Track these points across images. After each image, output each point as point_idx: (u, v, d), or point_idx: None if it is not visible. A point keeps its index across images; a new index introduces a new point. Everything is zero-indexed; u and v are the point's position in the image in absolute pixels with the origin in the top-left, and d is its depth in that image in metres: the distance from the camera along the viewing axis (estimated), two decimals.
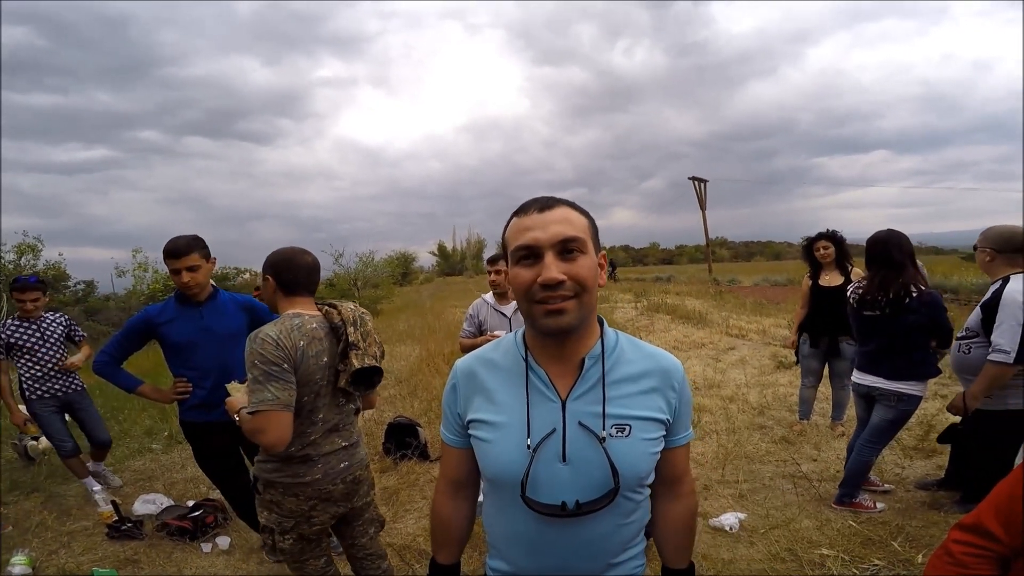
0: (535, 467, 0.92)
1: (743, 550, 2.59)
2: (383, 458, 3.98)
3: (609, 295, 17.07)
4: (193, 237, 2.44)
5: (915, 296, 2.61)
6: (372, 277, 17.58)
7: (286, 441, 1.58)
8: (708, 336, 8.61)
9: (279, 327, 1.62)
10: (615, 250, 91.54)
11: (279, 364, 1.55)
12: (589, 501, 0.91)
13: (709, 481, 3.36)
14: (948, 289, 11.42)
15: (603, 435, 0.91)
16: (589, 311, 0.92)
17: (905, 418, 2.76)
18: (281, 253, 1.79)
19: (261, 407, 1.52)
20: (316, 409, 1.73)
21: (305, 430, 1.72)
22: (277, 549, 1.81)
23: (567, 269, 0.87)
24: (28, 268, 15.22)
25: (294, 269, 1.75)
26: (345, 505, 1.85)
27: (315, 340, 1.70)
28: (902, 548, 2.47)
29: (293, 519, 1.76)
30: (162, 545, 2.96)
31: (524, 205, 0.94)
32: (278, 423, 1.54)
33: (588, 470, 0.92)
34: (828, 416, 4.28)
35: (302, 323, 1.69)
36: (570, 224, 0.89)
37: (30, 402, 3.49)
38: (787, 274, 20.66)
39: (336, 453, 1.80)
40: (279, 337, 1.58)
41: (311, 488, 1.74)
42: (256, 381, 1.54)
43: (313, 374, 1.68)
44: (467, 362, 1.05)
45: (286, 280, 1.75)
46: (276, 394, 1.53)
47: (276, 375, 1.55)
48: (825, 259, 3.95)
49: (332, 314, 1.80)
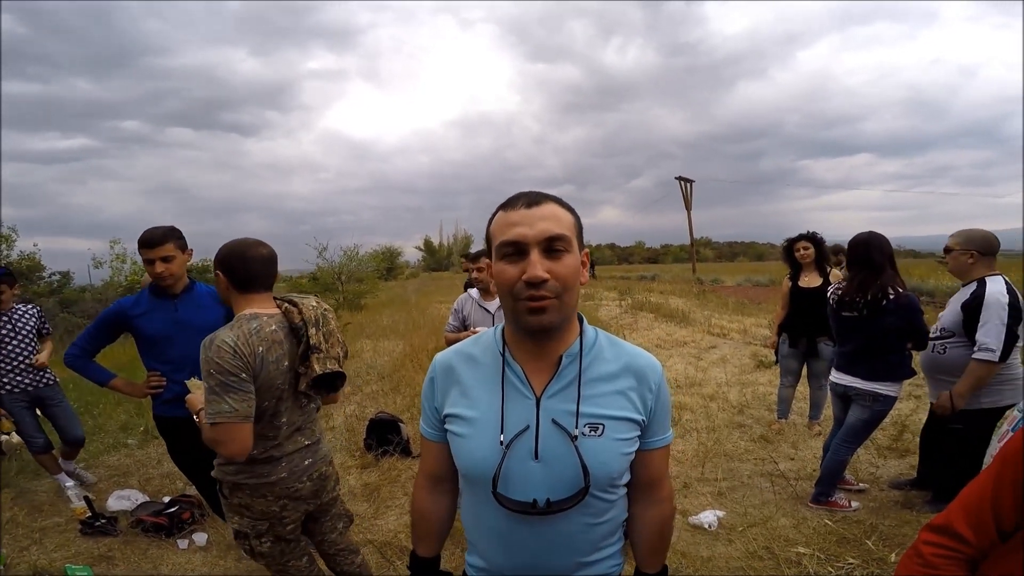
0: (507, 464, 0.92)
1: (721, 548, 2.63)
2: (364, 454, 3.96)
3: (594, 293, 17.15)
4: (169, 228, 2.39)
5: (892, 298, 2.65)
6: (356, 271, 17.39)
7: (247, 451, 1.52)
8: (690, 335, 8.71)
9: (236, 332, 1.53)
10: (601, 248, 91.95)
11: (236, 374, 1.48)
12: (559, 500, 0.91)
13: (689, 479, 3.40)
14: (925, 292, 11.68)
15: (575, 434, 0.91)
16: (570, 310, 0.92)
17: (880, 418, 2.81)
18: (232, 246, 1.67)
19: (218, 419, 1.45)
20: (279, 413, 1.68)
21: (268, 433, 1.67)
22: (256, 554, 1.76)
23: (551, 267, 0.86)
24: (2, 259, 14.78)
25: (247, 263, 1.63)
26: (313, 502, 1.82)
27: (275, 344, 1.61)
28: (876, 547, 2.52)
29: (266, 520, 1.71)
30: (137, 542, 2.90)
31: (511, 199, 0.93)
32: (237, 435, 1.48)
33: (560, 468, 0.91)
34: (806, 415, 4.36)
35: (260, 326, 1.59)
36: (557, 221, 0.89)
37: (2, 397, 3.40)
38: (769, 275, 20.95)
39: (300, 452, 1.75)
40: (236, 344, 1.49)
41: (278, 487, 1.69)
42: (212, 391, 1.47)
43: (274, 380, 1.61)
44: (445, 356, 1.05)
45: (239, 276, 1.64)
46: (234, 406, 1.47)
47: (234, 386, 1.47)
48: (805, 260, 4.01)
49: (292, 313, 1.70)
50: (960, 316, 2.63)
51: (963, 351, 2.63)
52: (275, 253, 1.73)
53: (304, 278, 16.79)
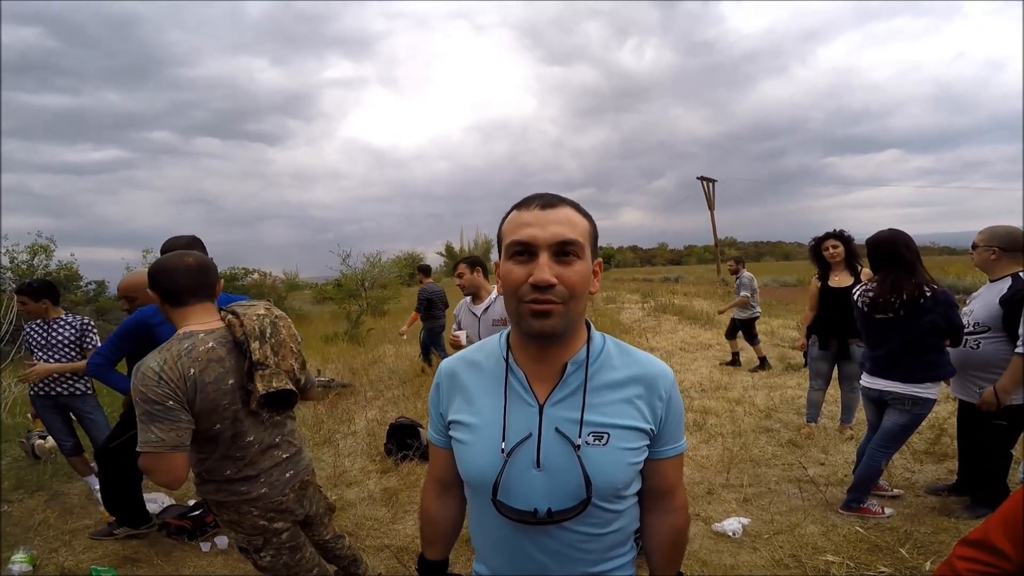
0: (508, 472, 0.90)
1: (746, 556, 2.54)
2: (384, 459, 3.97)
3: (616, 296, 16.99)
4: (191, 236, 2.42)
5: (929, 296, 2.55)
6: (379, 278, 17.63)
7: (180, 480, 1.44)
8: (715, 337, 8.52)
9: (164, 355, 1.44)
10: (623, 250, 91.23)
11: (162, 403, 1.39)
12: (561, 510, 0.88)
13: (713, 485, 3.30)
14: (961, 289, 11.23)
15: (578, 443, 0.88)
16: (576, 318, 0.89)
17: (918, 422, 2.70)
18: (157, 262, 1.61)
19: (146, 448, 1.37)
20: (241, 433, 1.59)
21: (236, 454, 1.59)
22: (261, 568, 1.73)
23: (560, 272, 0.84)
24: (41, 268, 15.41)
25: (172, 276, 1.55)
26: (301, 512, 1.78)
27: (211, 363, 1.50)
28: (910, 555, 2.40)
29: (260, 535, 1.68)
30: (161, 544, 2.96)
31: (526, 199, 0.90)
32: (165, 465, 1.39)
33: (562, 478, 0.89)
34: (837, 419, 4.21)
35: (192, 345, 1.48)
36: (571, 226, 0.86)
37: (33, 398, 3.54)
38: (796, 275, 20.45)
39: (279, 466, 1.70)
40: (163, 369, 1.41)
41: (261, 502, 1.65)
42: (140, 420, 1.39)
43: (218, 401, 1.50)
44: (450, 363, 1.04)
45: (168, 291, 1.55)
46: (160, 436, 1.38)
47: (159, 415, 1.38)
48: (834, 259, 3.88)
49: (234, 326, 1.58)
50: (999, 311, 2.56)
51: (999, 346, 2.57)
52: (206, 260, 1.64)
53: (329, 285, 17.10)
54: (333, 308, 15.47)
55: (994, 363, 2.57)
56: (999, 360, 2.54)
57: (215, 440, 1.55)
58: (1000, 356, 2.54)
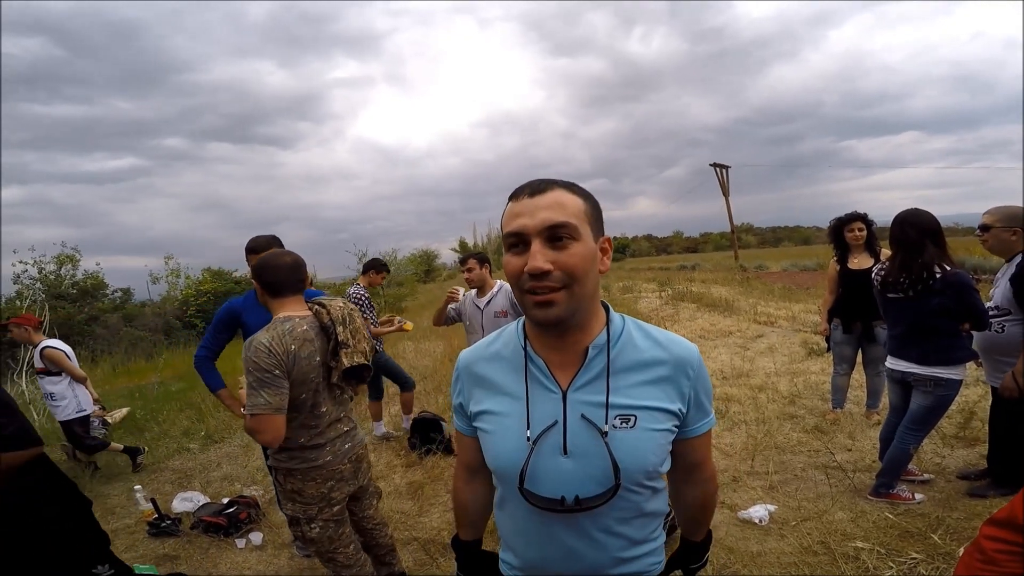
0: (535, 460, 0.90)
1: (773, 543, 2.53)
2: (408, 453, 4.03)
3: (633, 285, 16.88)
4: (272, 236, 2.63)
5: (939, 277, 2.49)
6: (396, 275, 17.78)
7: (280, 439, 1.72)
8: (736, 324, 8.44)
9: (271, 333, 1.73)
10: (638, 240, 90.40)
11: (271, 371, 1.67)
12: (589, 497, 0.88)
13: (738, 473, 3.29)
14: (988, 270, 10.93)
15: (605, 429, 0.88)
16: (583, 301, 0.87)
17: (945, 403, 2.64)
18: (263, 258, 1.89)
19: (255, 411, 1.65)
20: (318, 404, 1.88)
21: (311, 423, 1.87)
22: (307, 539, 1.92)
23: (555, 257, 0.83)
24: (68, 278, 15.83)
25: (276, 272, 1.85)
26: (354, 483, 2.02)
27: (306, 342, 1.80)
28: (942, 541, 2.37)
29: (316, 504, 1.90)
30: (199, 541, 3.06)
31: (518, 189, 0.90)
32: (271, 425, 1.68)
33: (590, 464, 0.89)
34: (863, 404, 4.15)
35: (292, 327, 1.78)
36: (561, 208, 0.84)
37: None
38: (816, 259, 20.06)
39: (340, 437, 1.96)
40: (271, 344, 1.69)
41: (325, 470, 1.89)
42: (251, 387, 1.67)
43: (308, 374, 1.80)
44: (467, 357, 1.04)
45: (269, 283, 1.85)
46: (268, 399, 1.66)
47: (268, 381, 1.67)
48: (856, 242, 3.81)
49: (322, 314, 1.90)
50: (1010, 290, 2.51)
51: (1022, 328, 2.50)
52: (300, 260, 1.92)
53: (346, 284, 17.29)
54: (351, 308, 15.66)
55: (1018, 346, 2.50)
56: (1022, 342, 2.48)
57: (298, 409, 1.81)
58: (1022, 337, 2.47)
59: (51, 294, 14.52)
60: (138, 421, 5.86)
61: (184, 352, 12.14)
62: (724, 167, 26.01)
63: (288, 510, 1.94)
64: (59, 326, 11.09)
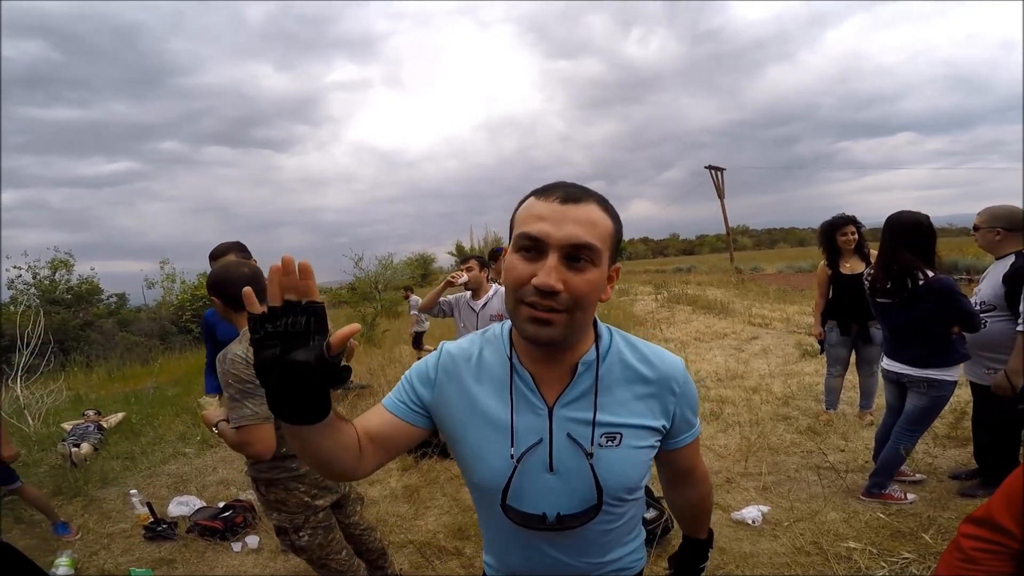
0: (519, 477, 0.86)
1: (766, 544, 2.55)
2: (404, 456, 4.04)
3: (629, 288, 16.92)
4: (236, 243, 2.64)
5: (922, 283, 2.52)
6: (392, 280, 17.73)
7: (271, 450, 1.68)
8: (730, 326, 8.47)
9: (245, 344, 1.67)
10: (635, 243, 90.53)
11: (252, 380, 1.61)
12: (570, 515, 0.86)
13: (731, 474, 3.31)
14: (982, 270, 10.97)
15: (590, 450, 0.85)
16: (580, 327, 0.82)
17: (940, 404, 2.67)
18: (218, 272, 1.85)
19: (242, 423, 1.61)
20: None
21: None
22: (297, 549, 1.90)
23: (569, 279, 0.76)
24: (62, 283, 15.74)
25: (236, 286, 1.79)
26: (337, 491, 1.99)
27: None
28: (934, 540, 2.40)
29: (301, 513, 1.86)
30: (195, 545, 3.06)
31: (548, 187, 0.81)
32: (260, 435, 1.64)
33: (575, 482, 0.86)
34: (855, 405, 4.18)
35: None
36: (591, 227, 0.77)
37: None
38: (811, 260, 20.17)
39: None
40: (247, 354, 1.64)
41: (307, 479, 1.85)
42: (233, 399, 1.62)
43: None
44: (450, 356, 0.94)
45: (231, 296, 1.80)
46: (254, 409, 1.62)
47: (251, 392, 1.62)
48: (848, 246, 3.83)
49: None
50: (1002, 289, 2.56)
51: (1005, 324, 2.56)
52: (259, 270, 1.89)
53: (343, 289, 17.25)
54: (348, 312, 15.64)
55: (1000, 342, 2.56)
56: (1005, 339, 2.53)
57: None
58: (1006, 335, 2.53)
59: (45, 299, 14.44)
60: (134, 426, 5.84)
61: (179, 357, 12.09)
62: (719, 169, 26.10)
63: (275, 520, 1.90)
64: (54, 331, 11.02)
